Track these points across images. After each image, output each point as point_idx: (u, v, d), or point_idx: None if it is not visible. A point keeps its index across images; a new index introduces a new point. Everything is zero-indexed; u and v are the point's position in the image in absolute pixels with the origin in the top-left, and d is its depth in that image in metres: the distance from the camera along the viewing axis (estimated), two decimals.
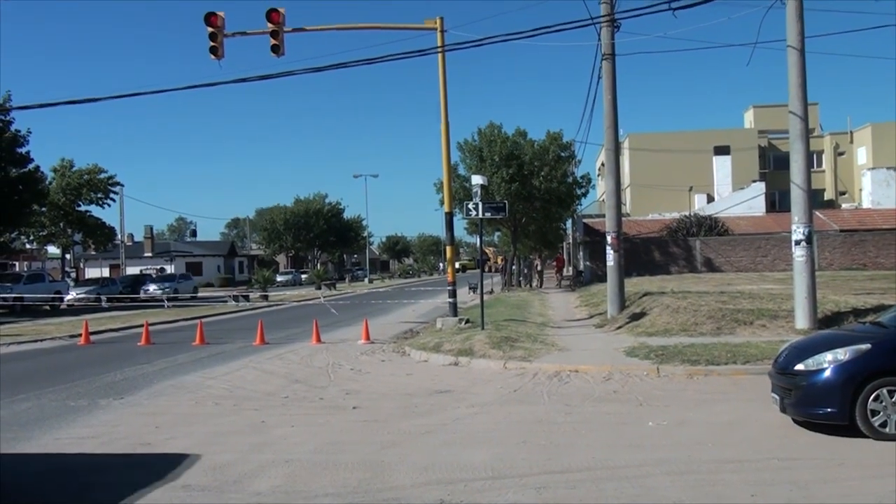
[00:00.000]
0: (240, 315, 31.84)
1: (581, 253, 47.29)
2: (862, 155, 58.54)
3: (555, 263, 50.60)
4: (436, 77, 19.63)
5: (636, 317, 18.35)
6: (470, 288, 39.19)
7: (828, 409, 7.84)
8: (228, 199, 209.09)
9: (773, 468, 6.96)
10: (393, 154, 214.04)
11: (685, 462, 7.19)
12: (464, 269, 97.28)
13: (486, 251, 69.13)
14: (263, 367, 14.62)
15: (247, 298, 40.03)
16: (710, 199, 56.10)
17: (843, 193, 59.45)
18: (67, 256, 55.55)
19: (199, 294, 47.08)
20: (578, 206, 46.72)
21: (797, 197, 15.29)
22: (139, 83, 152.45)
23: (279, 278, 71.46)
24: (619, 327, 17.88)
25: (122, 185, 52.55)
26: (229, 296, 40.31)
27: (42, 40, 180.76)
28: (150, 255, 73.87)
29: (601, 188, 62.65)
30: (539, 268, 44.87)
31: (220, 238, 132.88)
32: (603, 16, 19.24)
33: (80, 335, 21.07)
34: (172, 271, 70.71)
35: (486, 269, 62.67)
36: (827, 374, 7.92)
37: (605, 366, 12.63)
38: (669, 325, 16.63)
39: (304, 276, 75.81)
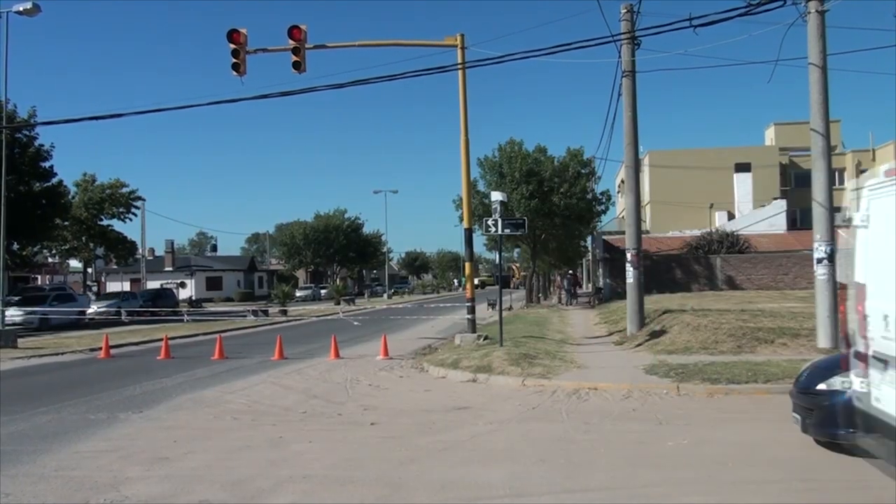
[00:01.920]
0: (259, 330, 31.94)
1: (600, 270, 47.13)
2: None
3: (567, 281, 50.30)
4: (456, 92, 19.72)
5: (656, 334, 18.23)
6: (489, 304, 39.11)
7: (850, 429, 7.72)
8: (249, 215, 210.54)
9: (795, 490, 6.87)
10: (413, 170, 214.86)
11: (705, 482, 7.11)
12: (483, 285, 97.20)
13: (513, 267, 68.96)
14: (282, 382, 14.64)
15: (266, 313, 40.19)
16: (731, 216, 55.74)
17: None
18: (89, 270, 56.10)
19: (220, 308, 47.30)
20: (598, 223, 46.65)
21: (819, 215, 15.17)
22: (161, 98, 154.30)
23: (298, 293, 71.78)
24: (639, 345, 17.79)
25: (144, 200, 53.12)
26: (248, 310, 40.47)
27: (66, 55, 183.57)
28: (170, 269, 74.42)
29: (621, 205, 62.53)
30: (565, 285, 44.71)
31: (241, 253, 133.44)
32: (623, 33, 19.27)
33: (100, 348, 21.22)
34: (192, 285, 71.26)
35: (512, 285, 62.38)
36: (849, 394, 7.81)
37: (625, 384, 12.55)
38: (690, 342, 16.52)
39: (323, 292, 76.04)
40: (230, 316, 39.94)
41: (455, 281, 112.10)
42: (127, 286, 66.64)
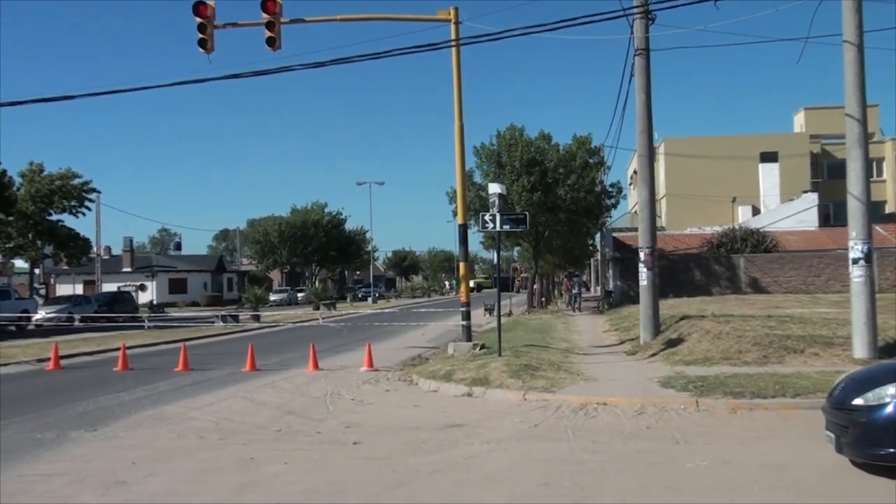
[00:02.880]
0: (228, 338, 31.87)
1: (611, 271, 47.21)
2: None
3: (565, 285, 50.39)
4: (449, 74, 19.73)
5: (672, 343, 18.26)
6: (486, 309, 39.13)
7: (890, 449, 7.74)
8: (217, 209, 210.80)
9: None
10: (401, 159, 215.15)
11: None
12: (479, 288, 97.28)
13: (518, 267, 69.02)
14: (254, 397, 14.61)
15: (236, 319, 40.10)
16: (756, 211, 55.91)
17: None
18: (37, 271, 55.90)
19: (184, 313, 47.16)
20: (608, 219, 46.68)
21: (854, 210, 15.19)
22: (118, 81, 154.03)
23: (272, 297, 71.76)
24: (653, 355, 17.80)
25: (99, 193, 52.97)
26: (217, 316, 40.35)
27: (12, 37, 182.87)
28: (129, 269, 74.25)
29: (633, 198, 62.65)
30: (574, 288, 44.81)
31: (208, 252, 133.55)
32: (636, 6, 19.27)
33: (48, 359, 21.12)
34: (154, 288, 71.11)
35: (515, 287, 62.22)
36: (889, 409, 7.83)
37: (637, 398, 12.57)
38: (710, 352, 16.55)
39: (300, 295, 76.02)
40: (196, 322, 39.83)
41: (446, 283, 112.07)
42: (80, 289, 66.47)
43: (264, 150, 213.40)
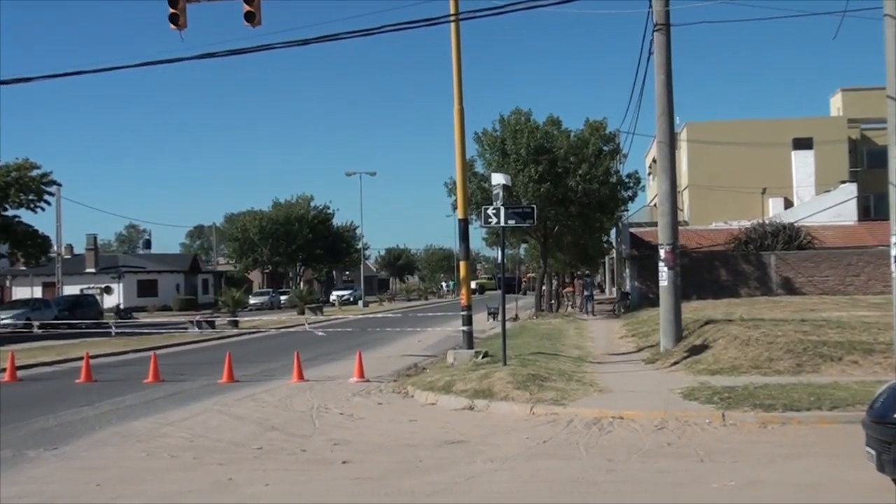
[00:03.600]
0: (203, 346, 31.87)
1: (627, 270, 47.21)
2: None
3: (570, 287, 50.39)
4: (448, 53, 19.73)
5: (696, 350, 18.28)
6: (489, 313, 39.15)
7: None
8: (191, 204, 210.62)
9: None
10: (395, 148, 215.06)
11: None
12: (481, 289, 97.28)
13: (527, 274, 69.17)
14: (232, 411, 14.63)
15: (212, 325, 40.10)
16: (789, 203, 55.93)
17: None
18: None
19: (154, 319, 47.12)
20: (624, 213, 46.72)
21: None
22: (81, 62, 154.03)
23: (253, 300, 71.68)
24: (675, 363, 17.82)
25: (60, 186, 52.74)
26: (190, 321, 40.35)
27: None
28: (93, 270, 74.11)
29: (652, 190, 62.61)
30: (587, 290, 44.84)
31: (181, 250, 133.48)
32: None
33: (3, 370, 21.10)
34: (120, 290, 71.06)
35: (521, 289, 62.10)
36: None
37: (658, 411, 12.59)
38: (738, 360, 16.58)
39: (283, 298, 75.97)
40: (168, 328, 39.81)
41: (443, 284, 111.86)
42: (38, 292, 66.40)
43: (243, 138, 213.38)
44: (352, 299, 77.18)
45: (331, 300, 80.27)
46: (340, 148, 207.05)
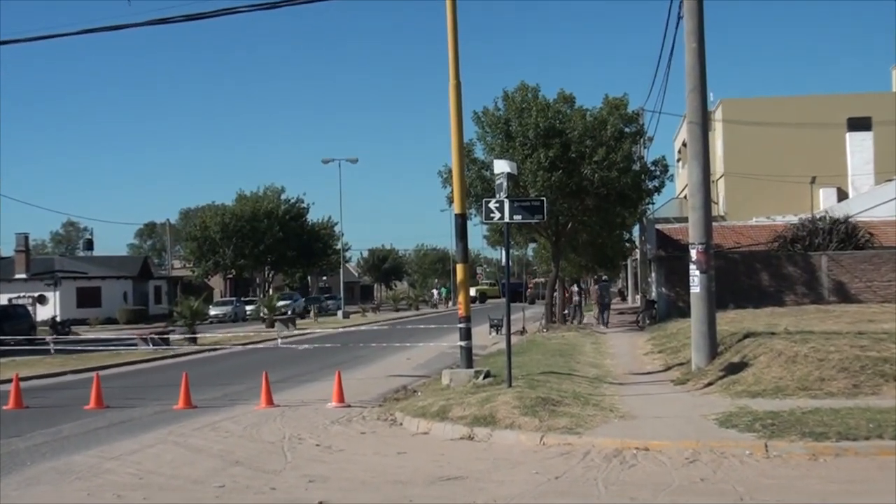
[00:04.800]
0: (156, 365, 31.85)
1: (653, 274, 47.17)
2: None
3: (567, 294, 50.29)
4: (441, 21, 19.70)
5: (734, 369, 18.28)
6: (491, 326, 39.13)
7: None
8: (140, 197, 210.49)
9: None
10: (379, 130, 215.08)
11: None
12: (482, 297, 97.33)
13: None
14: (189, 443, 14.61)
15: (166, 341, 40.00)
16: (843, 194, 55.93)
17: None
18: None
19: (97, 334, 46.92)
20: (649, 207, 46.71)
21: None
22: (5, 30, 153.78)
23: (213, 311, 71.50)
24: (709, 384, 17.84)
25: None
26: (140, 337, 40.27)
27: None
28: (24, 276, 73.99)
29: (682, 179, 62.62)
30: (605, 298, 44.82)
31: (129, 252, 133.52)
32: None
33: None
34: (57, 300, 70.78)
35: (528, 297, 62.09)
36: None
37: (689, 441, 12.59)
38: (783, 380, 16.58)
39: (249, 308, 75.87)
40: (113, 345, 39.74)
41: (434, 291, 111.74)
42: None
43: (202, 119, 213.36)
44: (289, 312, 71.05)
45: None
46: (315, 131, 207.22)
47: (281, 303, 75.90)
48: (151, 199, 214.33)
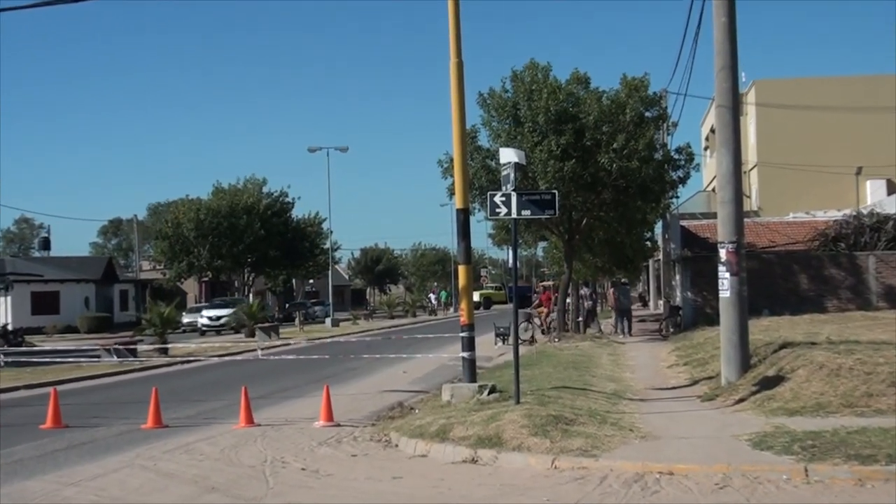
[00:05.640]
0: (122, 379, 31.88)
1: (678, 277, 47.15)
2: None
3: (539, 301, 50.16)
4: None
5: (769, 383, 18.27)
6: (497, 335, 39.10)
7: None
8: (104, 190, 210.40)
9: None
10: (373, 116, 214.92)
11: None
12: (487, 302, 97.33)
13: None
14: (159, 467, 14.60)
15: (133, 353, 39.97)
16: (893, 187, 55.77)
17: None
18: None
19: (55, 344, 46.88)
20: (673, 201, 46.61)
21: None
22: None
23: (187, 318, 71.38)
24: (741, 400, 17.84)
25: None
26: (104, 347, 40.21)
27: None
28: None
29: (710, 170, 62.69)
30: (625, 303, 44.76)
31: (91, 252, 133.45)
32: None
33: None
34: (8, 306, 70.66)
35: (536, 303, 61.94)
36: None
37: (719, 464, 12.58)
38: (825, 396, 16.57)
39: (226, 315, 75.76)
40: (73, 356, 39.68)
41: (431, 296, 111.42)
42: None
43: (172, 102, 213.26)
44: (222, 321, 67.51)
45: (198, 324, 70.72)
46: (300, 120, 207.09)
47: (210, 313, 70.50)
48: (117, 193, 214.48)
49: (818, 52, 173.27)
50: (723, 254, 19.97)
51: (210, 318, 70.18)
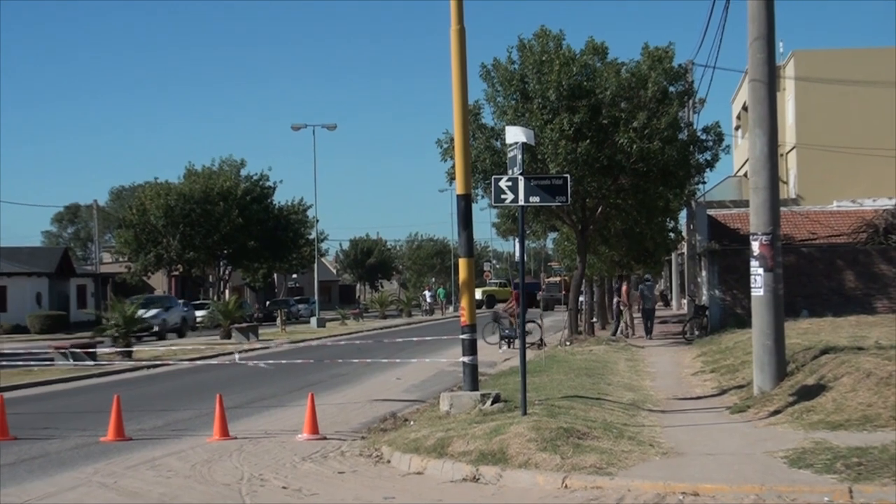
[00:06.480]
0: (78, 385, 31.89)
1: (704, 273, 47.17)
2: None
3: (512, 302, 50.02)
4: None
5: (808, 393, 18.27)
6: (502, 337, 39.11)
7: None
8: (61, 174, 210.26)
9: None
10: (363, 91, 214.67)
11: None
12: (490, 300, 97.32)
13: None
14: (121, 485, 14.59)
15: (92, 356, 39.94)
16: None
17: None
18: None
19: (2, 346, 46.83)
20: (699, 187, 46.56)
21: None
22: None
23: (153, 316, 71.30)
24: (776, 412, 17.84)
25: None
26: (58, 350, 40.19)
27: None
28: None
29: (741, 153, 62.69)
30: (648, 302, 44.80)
31: (44, 242, 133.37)
32: None
33: None
34: None
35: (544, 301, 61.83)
36: None
37: (750, 485, 12.56)
38: (872, 408, 16.55)
39: (200, 314, 75.70)
40: (23, 359, 39.66)
41: (427, 293, 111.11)
42: None
43: (136, 74, 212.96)
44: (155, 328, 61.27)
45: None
46: (283, 94, 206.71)
47: (144, 314, 57.22)
48: (75, 177, 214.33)
49: (866, 20, 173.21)
50: (756, 247, 19.92)
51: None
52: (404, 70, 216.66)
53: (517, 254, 21.11)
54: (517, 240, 19.44)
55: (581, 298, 46.66)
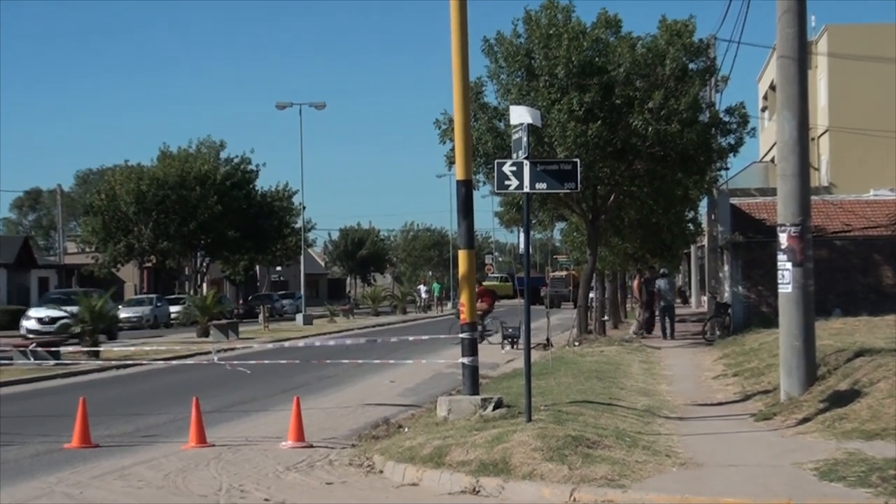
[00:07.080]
0: (40, 387, 31.99)
1: (726, 267, 47.09)
2: None
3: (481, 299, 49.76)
4: None
5: (840, 399, 18.26)
6: (505, 337, 39.12)
7: None
8: (21, 155, 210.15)
9: None
10: (355, 69, 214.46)
11: None
12: (493, 297, 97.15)
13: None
14: (87, 496, 14.57)
15: (55, 355, 39.93)
16: None
17: None
18: None
19: None
20: (721, 174, 46.51)
21: None
22: None
23: (125, 313, 71.24)
24: (805, 420, 17.84)
25: None
26: (18, 348, 40.19)
27: None
28: None
29: (768, 136, 62.68)
30: (667, 299, 44.80)
31: (2, 230, 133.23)
32: None
33: None
34: None
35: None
36: None
37: (777, 499, 12.55)
38: None
39: (174, 310, 75.70)
40: None
41: (422, 288, 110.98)
42: None
43: (104, 54, 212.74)
44: (57, 325, 52.68)
45: (21, 328, 59.93)
46: (267, 72, 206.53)
47: (39, 314, 60.73)
48: (37, 158, 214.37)
49: None
50: (784, 239, 19.91)
51: (41, 321, 58.98)
52: (399, 44, 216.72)
53: (522, 246, 21.07)
54: (522, 230, 19.38)
55: (591, 295, 46.60)
